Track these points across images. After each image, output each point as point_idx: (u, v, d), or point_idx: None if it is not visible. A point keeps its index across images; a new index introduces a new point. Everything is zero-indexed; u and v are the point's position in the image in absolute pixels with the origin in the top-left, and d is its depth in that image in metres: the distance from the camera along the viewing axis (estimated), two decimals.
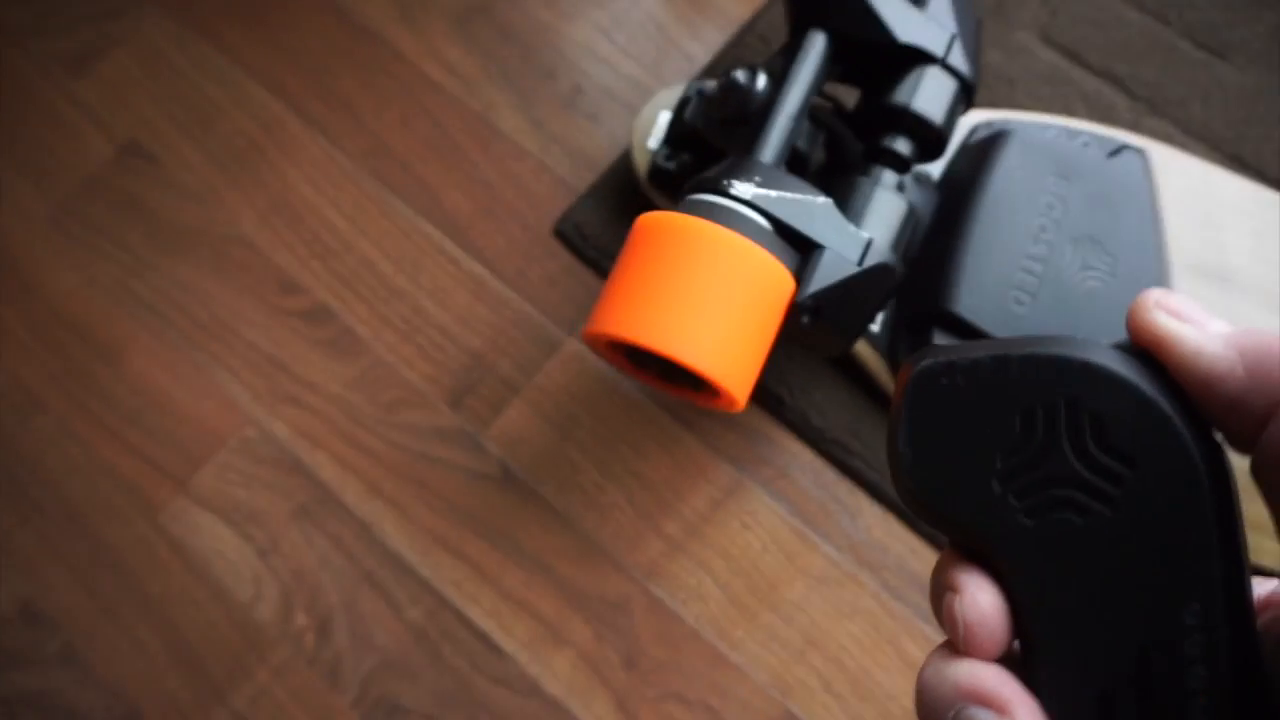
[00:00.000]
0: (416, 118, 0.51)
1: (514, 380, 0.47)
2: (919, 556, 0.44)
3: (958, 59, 0.40)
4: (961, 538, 0.18)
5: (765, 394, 0.46)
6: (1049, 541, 0.17)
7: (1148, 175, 0.43)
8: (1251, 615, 0.17)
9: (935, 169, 0.46)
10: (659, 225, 0.36)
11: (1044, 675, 0.17)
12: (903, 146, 0.40)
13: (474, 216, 0.49)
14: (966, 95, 0.41)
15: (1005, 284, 0.41)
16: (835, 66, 0.41)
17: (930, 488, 0.18)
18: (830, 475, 0.45)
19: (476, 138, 0.50)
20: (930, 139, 0.40)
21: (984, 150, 0.43)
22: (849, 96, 0.43)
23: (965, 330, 0.41)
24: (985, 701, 0.16)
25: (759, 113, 0.39)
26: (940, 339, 0.41)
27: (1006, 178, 0.42)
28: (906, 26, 0.39)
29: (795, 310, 0.37)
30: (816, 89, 0.39)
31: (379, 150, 0.51)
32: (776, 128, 0.38)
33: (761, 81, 0.39)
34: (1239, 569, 0.17)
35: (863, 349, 0.44)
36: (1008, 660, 0.18)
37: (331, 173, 0.50)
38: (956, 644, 0.17)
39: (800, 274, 0.37)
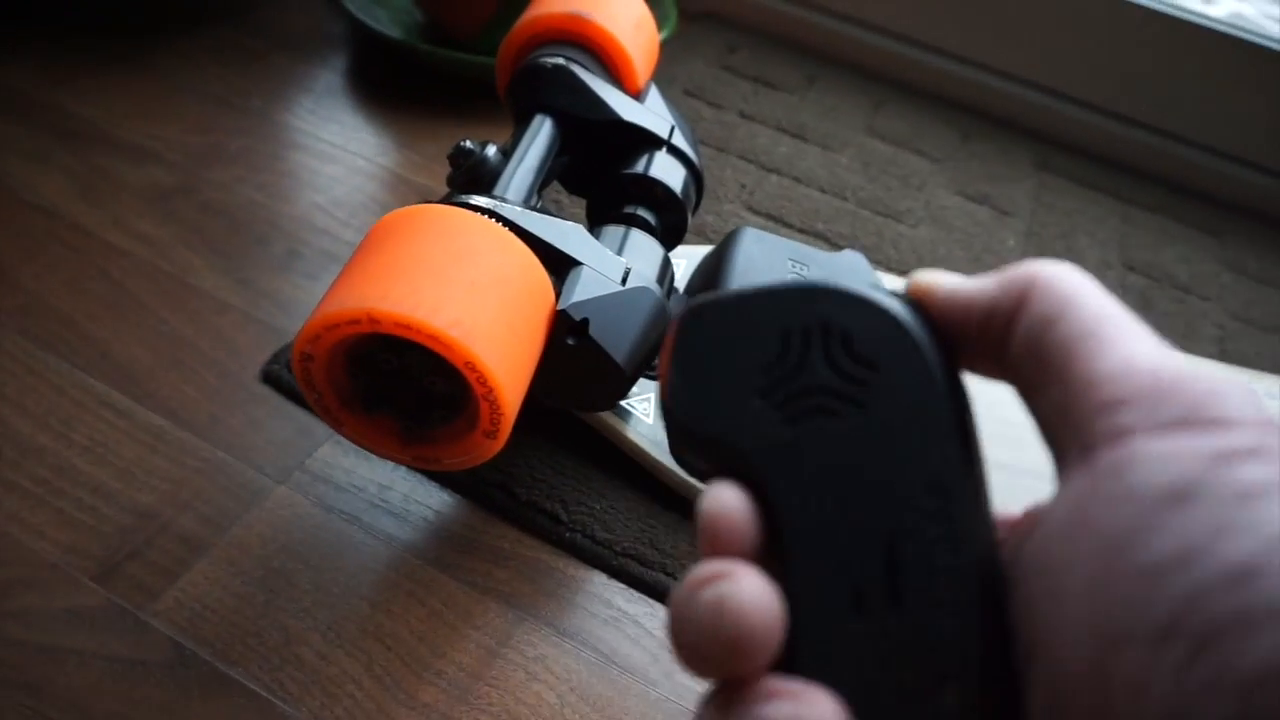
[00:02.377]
0: (91, 280, 0.43)
1: (199, 537, 0.35)
2: None
3: (681, 143, 0.41)
4: (728, 459, 0.18)
5: (536, 513, 0.37)
6: (805, 446, 0.17)
7: (870, 268, 0.45)
8: (987, 501, 0.17)
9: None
10: (405, 216, 0.31)
11: (797, 575, 0.17)
12: (646, 214, 0.39)
13: (155, 369, 0.40)
14: (697, 184, 0.42)
15: None
16: (562, 156, 0.41)
17: (696, 413, 0.18)
18: (627, 595, 0.36)
19: (166, 296, 0.43)
20: (670, 212, 0.40)
21: (720, 246, 0.44)
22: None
23: None
24: (713, 576, 0.16)
25: (492, 180, 0.37)
26: None
27: (748, 257, 0.42)
28: (628, 110, 0.41)
29: (558, 333, 0.32)
30: (549, 158, 0.39)
31: (34, 309, 0.41)
32: (516, 174, 0.36)
33: (492, 149, 0.38)
34: (973, 461, 0.17)
35: (640, 445, 0.38)
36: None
37: None
38: (704, 548, 0.17)
39: (560, 290, 0.33)
